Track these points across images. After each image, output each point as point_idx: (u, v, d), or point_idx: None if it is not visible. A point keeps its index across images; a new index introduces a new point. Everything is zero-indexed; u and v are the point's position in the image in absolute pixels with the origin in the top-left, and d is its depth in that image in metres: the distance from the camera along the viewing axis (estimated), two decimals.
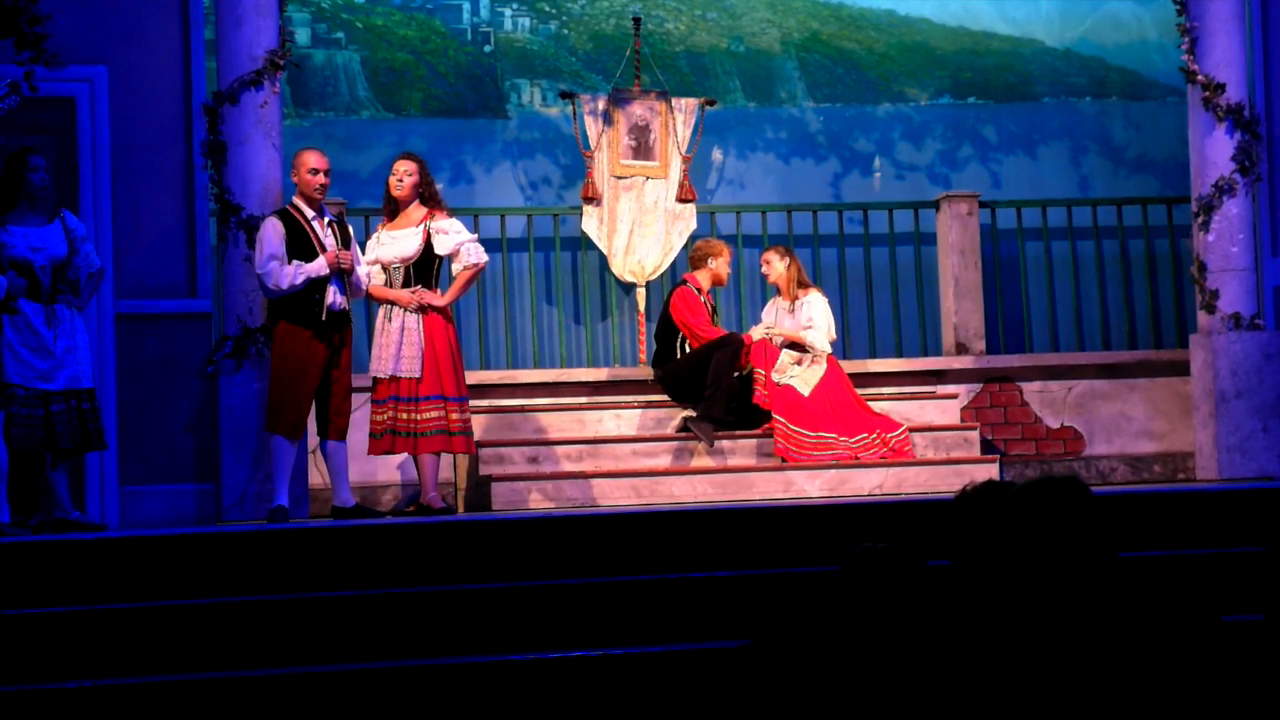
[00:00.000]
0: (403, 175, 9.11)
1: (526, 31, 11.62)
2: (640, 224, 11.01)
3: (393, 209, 9.18)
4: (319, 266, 8.72)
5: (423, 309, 8.94)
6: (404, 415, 8.87)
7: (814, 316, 10.21)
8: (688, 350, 10.13)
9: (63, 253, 8.48)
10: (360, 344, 9.62)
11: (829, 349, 10.20)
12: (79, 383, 8.46)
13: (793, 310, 10.32)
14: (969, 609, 3.71)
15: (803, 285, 10.35)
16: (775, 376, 10.02)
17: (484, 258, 9.16)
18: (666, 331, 10.23)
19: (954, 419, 10.55)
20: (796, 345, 10.20)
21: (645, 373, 10.55)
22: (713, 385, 9.89)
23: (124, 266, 9.46)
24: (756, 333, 10.25)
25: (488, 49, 11.55)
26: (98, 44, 9.45)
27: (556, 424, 10.17)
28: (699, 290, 10.27)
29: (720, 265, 10.34)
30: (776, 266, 10.39)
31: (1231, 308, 10.24)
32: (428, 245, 9.03)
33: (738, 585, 6.86)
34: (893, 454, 9.86)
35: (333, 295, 8.77)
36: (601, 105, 11.08)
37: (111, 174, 9.49)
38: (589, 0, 11.66)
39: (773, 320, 10.38)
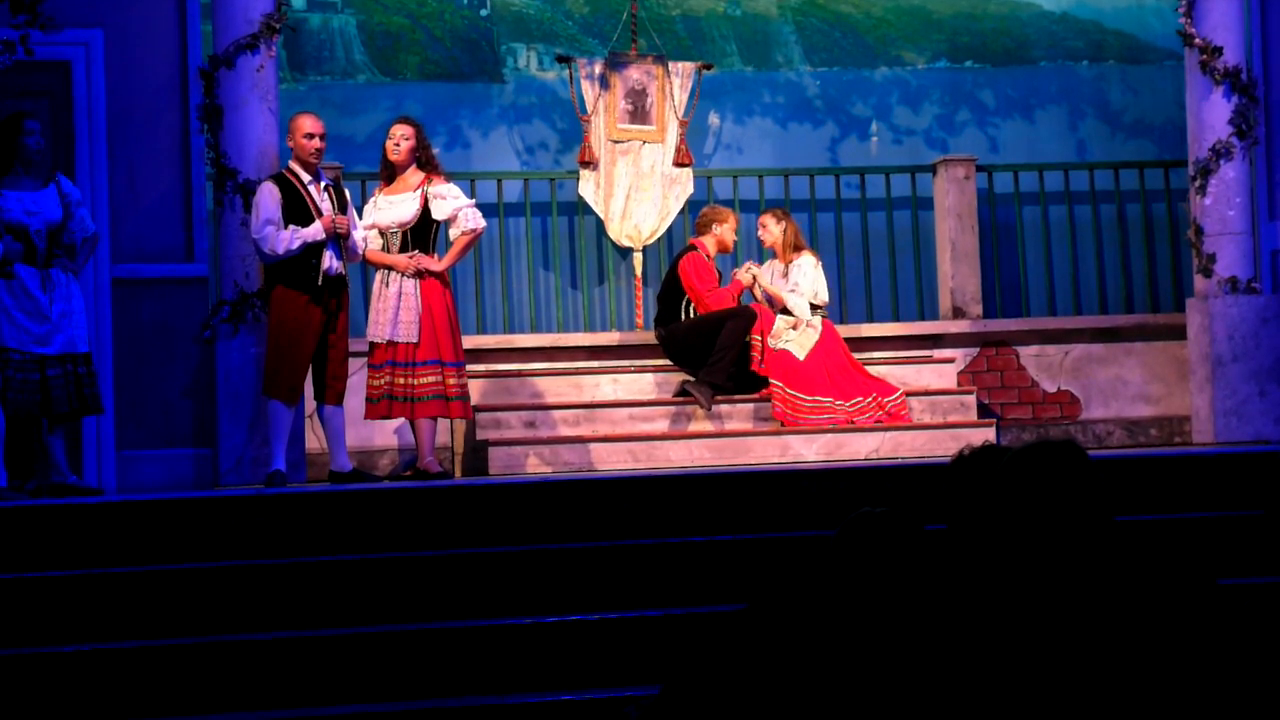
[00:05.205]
0: (400, 139, 9.09)
1: None
2: (637, 188, 10.99)
3: (390, 173, 9.17)
4: (315, 231, 8.71)
5: (420, 274, 8.94)
6: (401, 380, 8.87)
7: (799, 281, 10.20)
8: (693, 314, 10.12)
9: (58, 217, 8.47)
10: (358, 309, 9.61)
11: (808, 316, 10.16)
12: (75, 347, 8.46)
13: (786, 273, 10.32)
14: (966, 573, 3.72)
15: (797, 248, 10.34)
16: (771, 342, 10.02)
17: (481, 223, 9.15)
18: (672, 294, 10.22)
19: (950, 383, 10.55)
20: (788, 310, 10.21)
21: (643, 337, 10.54)
22: (720, 351, 9.88)
23: (120, 231, 9.46)
24: (742, 274, 10.26)
25: (484, 13, 11.50)
26: (93, 7, 9.42)
27: (553, 389, 10.16)
28: (708, 256, 10.26)
29: (725, 231, 10.33)
30: (772, 230, 10.38)
31: (1228, 271, 10.24)
32: (425, 210, 9.02)
33: (734, 550, 6.87)
34: (889, 418, 9.86)
35: (329, 260, 8.76)
36: (598, 69, 11.05)
37: (107, 138, 9.47)
38: None
39: (768, 281, 10.37)
